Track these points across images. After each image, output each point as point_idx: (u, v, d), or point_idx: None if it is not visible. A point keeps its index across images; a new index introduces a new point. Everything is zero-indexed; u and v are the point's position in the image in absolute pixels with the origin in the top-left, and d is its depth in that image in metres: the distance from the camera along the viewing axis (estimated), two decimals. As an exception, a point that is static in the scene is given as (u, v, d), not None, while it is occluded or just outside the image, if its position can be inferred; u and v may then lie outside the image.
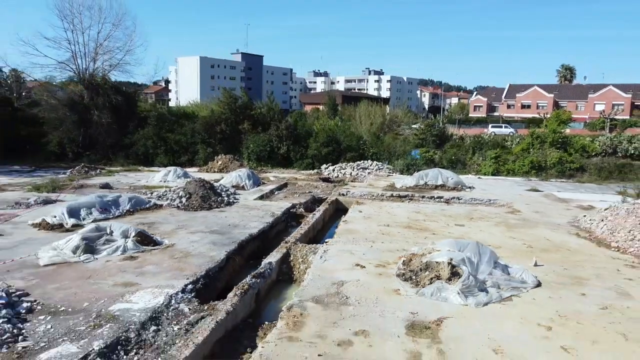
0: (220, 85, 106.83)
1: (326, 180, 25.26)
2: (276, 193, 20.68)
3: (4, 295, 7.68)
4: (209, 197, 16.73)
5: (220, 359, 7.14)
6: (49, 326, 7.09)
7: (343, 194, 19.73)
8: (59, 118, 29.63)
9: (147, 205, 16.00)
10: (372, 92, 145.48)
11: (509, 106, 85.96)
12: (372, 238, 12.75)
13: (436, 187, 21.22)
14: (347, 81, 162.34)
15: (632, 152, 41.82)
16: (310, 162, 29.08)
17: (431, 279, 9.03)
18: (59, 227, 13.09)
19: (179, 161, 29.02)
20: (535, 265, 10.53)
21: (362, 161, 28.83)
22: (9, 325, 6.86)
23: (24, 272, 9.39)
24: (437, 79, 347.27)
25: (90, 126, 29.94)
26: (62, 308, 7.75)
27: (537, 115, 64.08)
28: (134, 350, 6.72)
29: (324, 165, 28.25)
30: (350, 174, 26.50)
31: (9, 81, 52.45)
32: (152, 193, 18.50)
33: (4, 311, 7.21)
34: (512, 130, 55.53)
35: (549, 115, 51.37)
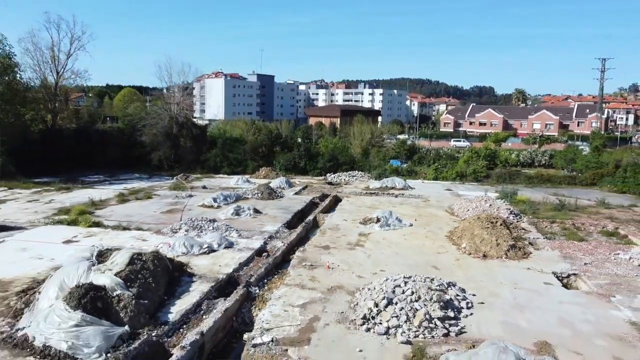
0: (240, 102, 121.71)
1: (330, 183, 39.64)
2: (302, 192, 35.02)
3: (225, 226, 22.15)
4: (271, 194, 31.16)
5: (298, 246, 21.51)
6: (245, 233, 21.53)
7: (339, 192, 34.11)
8: (159, 143, 44.03)
9: (242, 197, 30.42)
10: (367, 103, 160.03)
11: (470, 123, 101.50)
12: (352, 211, 27.18)
13: (392, 188, 35.61)
14: (345, 93, 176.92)
15: (544, 162, 56.25)
16: (320, 171, 43.43)
17: (370, 223, 23.52)
18: (211, 207, 27.50)
19: (236, 171, 43.32)
20: (415, 220, 24.96)
21: (352, 171, 43.20)
22: (234, 236, 21.30)
23: (222, 220, 23.68)
24: (434, 78, 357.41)
25: (178, 148, 44.35)
26: (246, 229, 22.19)
27: (489, 132, 78.73)
28: (275, 239, 21.14)
29: (329, 174, 42.58)
30: (345, 179, 40.84)
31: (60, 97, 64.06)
32: (237, 191, 32.77)
33: (233, 230, 21.65)
34: (468, 143, 69.96)
35: (492, 133, 65.48)
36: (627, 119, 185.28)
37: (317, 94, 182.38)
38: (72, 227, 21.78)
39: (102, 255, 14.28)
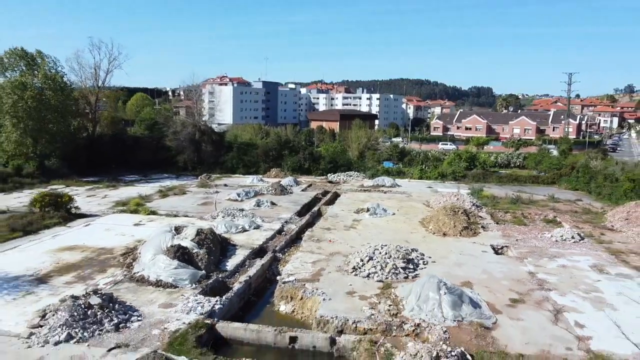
0: (247, 107, 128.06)
1: (330, 182, 45.86)
2: (308, 189, 41.23)
3: (251, 214, 28.43)
4: (283, 190, 37.38)
5: (307, 228, 27.71)
6: (266, 219, 27.77)
7: (339, 189, 40.31)
8: (184, 147, 50.26)
9: (259, 193, 36.62)
10: (365, 107, 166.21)
11: (458, 127, 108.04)
12: (348, 204, 33.39)
13: (382, 186, 41.82)
14: (345, 97, 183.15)
15: (519, 164, 62.38)
16: (322, 172, 49.62)
17: (362, 212, 29.77)
18: (236, 200, 33.71)
19: (250, 171, 49.47)
20: (397, 210, 31.17)
21: (349, 172, 49.42)
22: (259, 221, 27.54)
23: (248, 210, 29.88)
24: (433, 79, 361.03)
25: (200, 152, 50.57)
26: (266, 217, 28.42)
27: (474, 135, 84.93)
28: (290, 223, 27.36)
29: (329, 174, 48.78)
30: (343, 179, 47.04)
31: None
32: (254, 188, 38.94)
33: (257, 217, 27.91)
34: (454, 146, 76.10)
35: (475, 137, 71.55)
36: (611, 122, 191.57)
37: (318, 98, 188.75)
38: (135, 215, 28.02)
39: (177, 229, 20.52)
